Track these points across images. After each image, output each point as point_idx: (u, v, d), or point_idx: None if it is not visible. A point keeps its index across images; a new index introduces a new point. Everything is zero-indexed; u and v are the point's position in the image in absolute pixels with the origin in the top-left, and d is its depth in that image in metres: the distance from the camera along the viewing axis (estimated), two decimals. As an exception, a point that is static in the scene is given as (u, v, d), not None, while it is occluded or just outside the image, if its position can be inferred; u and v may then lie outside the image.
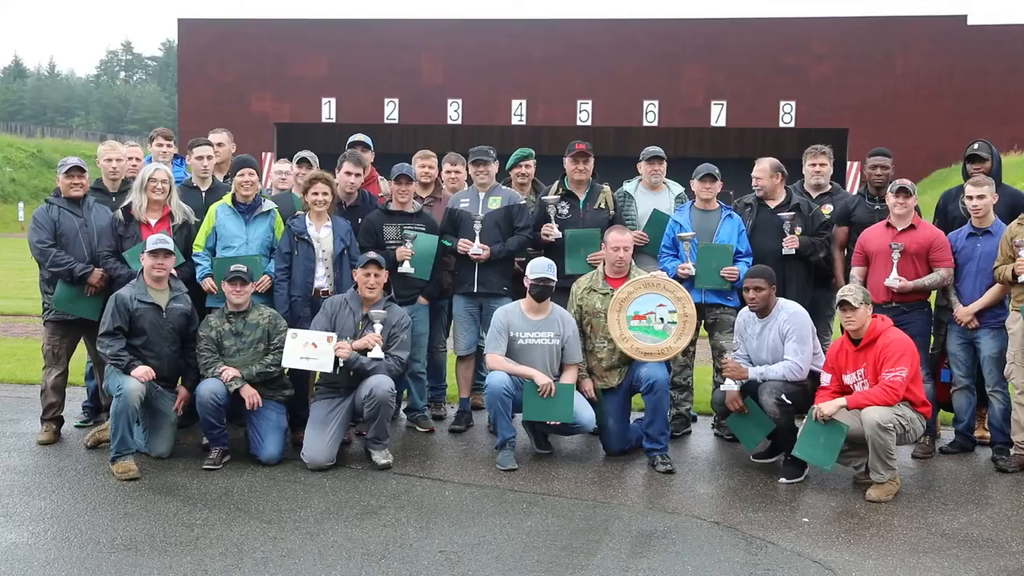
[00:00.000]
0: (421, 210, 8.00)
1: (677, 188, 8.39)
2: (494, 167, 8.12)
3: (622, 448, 7.46)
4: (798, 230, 7.72)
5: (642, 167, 8.21)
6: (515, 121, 38.38)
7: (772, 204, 7.91)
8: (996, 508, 6.42)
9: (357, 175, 8.01)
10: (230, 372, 6.99)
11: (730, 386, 7.09)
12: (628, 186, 8.46)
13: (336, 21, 40.99)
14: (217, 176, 8.27)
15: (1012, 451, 7.29)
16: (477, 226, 7.80)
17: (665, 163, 8.24)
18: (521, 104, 38.32)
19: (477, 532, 5.78)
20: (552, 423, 7.25)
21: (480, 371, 8.36)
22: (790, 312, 7.09)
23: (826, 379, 6.92)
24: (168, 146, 8.71)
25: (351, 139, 8.72)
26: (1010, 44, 35.53)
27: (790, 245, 7.66)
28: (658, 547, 5.60)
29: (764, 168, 7.99)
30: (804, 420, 6.78)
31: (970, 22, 36.84)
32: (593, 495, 6.56)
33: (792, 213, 7.72)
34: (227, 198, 7.63)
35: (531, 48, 38.10)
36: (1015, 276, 7.01)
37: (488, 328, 7.48)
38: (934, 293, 7.64)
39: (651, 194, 8.27)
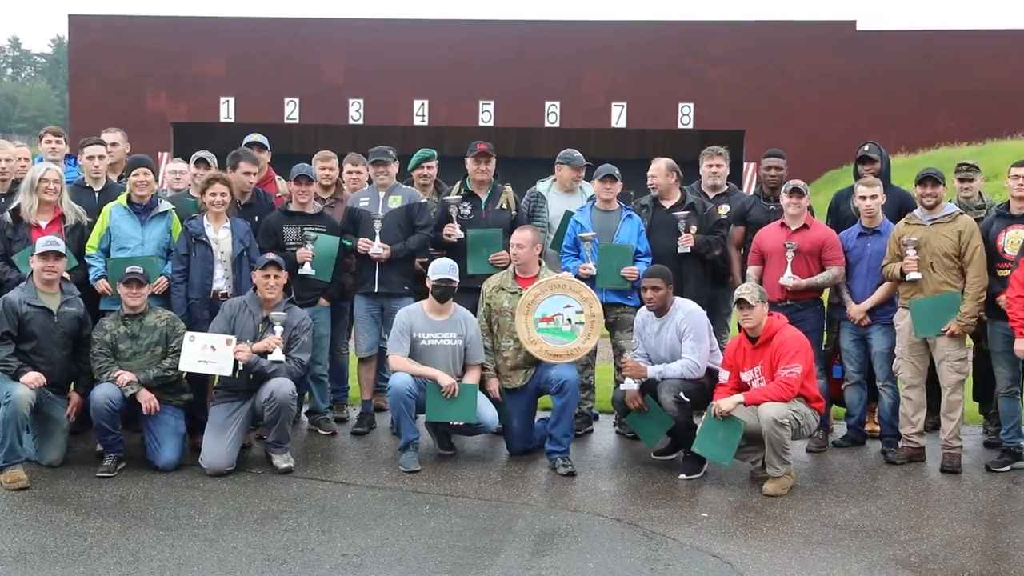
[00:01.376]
0: (322, 211, 7.93)
1: (591, 189, 8.43)
2: (394, 167, 8.08)
3: (526, 448, 7.48)
4: (693, 229, 7.83)
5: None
6: (417, 121, 38.20)
7: (667, 204, 8.02)
8: (885, 499, 6.62)
9: (253, 174, 7.90)
10: (126, 376, 6.83)
11: (630, 385, 7.18)
12: (541, 187, 8.50)
13: (234, 19, 40.32)
14: (111, 176, 8.06)
15: (900, 444, 7.52)
16: (377, 225, 7.76)
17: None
18: (423, 104, 38.17)
19: (380, 534, 5.75)
20: (455, 423, 7.25)
21: (383, 372, 8.31)
22: (687, 311, 7.21)
23: (724, 376, 7.05)
24: (58, 143, 8.47)
25: (247, 139, 8.60)
26: (897, 49, 36.61)
27: (685, 244, 7.78)
28: (560, 545, 5.65)
29: (660, 168, 8.10)
30: (703, 417, 6.90)
31: (859, 27, 37.89)
32: (496, 495, 6.58)
33: (687, 212, 7.83)
34: (122, 198, 7.45)
35: (433, 48, 37.97)
36: (903, 274, 7.24)
37: (390, 329, 7.45)
38: (827, 291, 7.85)
39: (564, 196, 8.32)
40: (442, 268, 7.24)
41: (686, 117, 37.85)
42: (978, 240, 7.14)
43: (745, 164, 31.60)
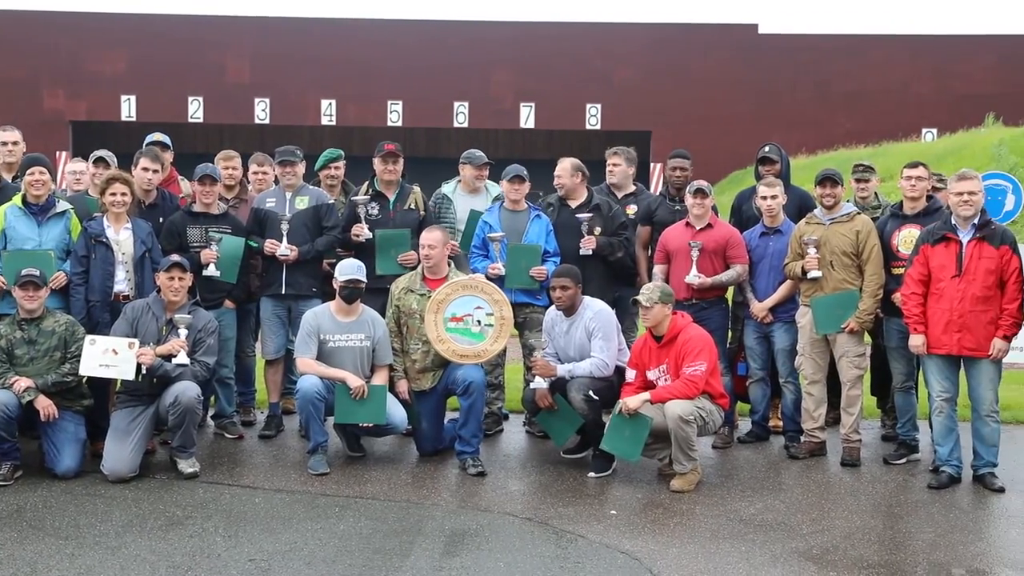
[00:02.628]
0: (226, 211, 7.82)
1: (496, 189, 8.47)
2: (301, 167, 8.00)
3: (435, 448, 7.47)
4: (597, 230, 7.88)
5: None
6: (325, 121, 37.82)
7: (573, 204, 8.08)
8: (788, 493, 6.77)
9: (155, 171, 7.76)
10: (23, 383, 6.63)
11: (539, 384, 7.22)
12: (446, 188, 8.49)
13: (135, 16, 39.40)
14: (6, 176, 7.83)
15: (803, 438, 7.70)
16: (284, 227, 7.68)
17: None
18: (331, 104, 37.81)
19: (288, 538, 5.68)
20: (364, 425, 7.21)
21: (290, 375, 8.22)
22: (595, 310, 7.27)
23: (631, 375, 7.13)
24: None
25: (148, 139, 8.43)
26: (797, 52, 37.42)
27: (587, 246, 7.83)
28: (471, 545, 5.65)
29: (565, 168, 8.14)
30: (611, 415, 6.97)
31: (761, 31, 38.64)
32: (406, 496, 6.56)
33: (590, 214, 7.88)
34: (17, 199, 7.24)
35: (341, 47, 37.64)
36: (804, 272, 7.41)
37: (297, 331, 7.37)
38: (731, 289, 7.99)
39: (469, 196, 8.33)
40: (349, 269, 7.18)
41: (594, 118, 38.16)
42: (875, 239, 7.34)
43: (652, 165, 32.00)
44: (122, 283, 7.25)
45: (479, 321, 7.28)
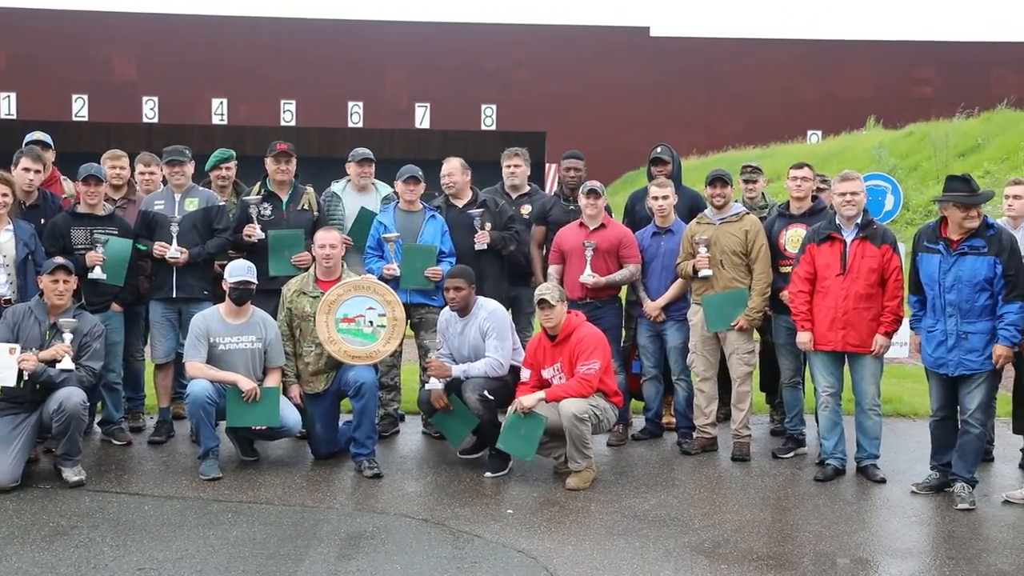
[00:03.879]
0: (113, 212, 7.61)
1: (385, 188, 8.44)
2: (190, 167, 7.85)
3: (331, 451, 7.40)
4: (488, 225, 7.92)
5: (351, 168, 8.17)
6: (216, 120, 37.15)
7: (460, 203, 8.09)
8: (681, 489, 6.89)
9: (36, 171, 7.52)
10: None
11: (435, 384, 7.21)
12: (336, 187, 8.44)
13: (15, 10, 38.14)
14: None
15: (695, 435, 7.84)
16: (174, 229, 7.52)
17: (374, 165, 8.28)
18: (222, 103, 37.16)
19: (179, 546, 5.57)
20: (258, 428, 7.10)
21: (181, 379, 8.04)
22: (489, 310, 7.29)
23: (526, 374, 7.17)
24: None
25: (28, 138, 8.17)
26: (688, 55, 38.12)
27: (482, 240, 7.86)
28: (367, 548, 5.62)
29: (455, 167, 8.15)
30: (506, 414, 7.00)
31: (652, 34, 39.24)
32: (301, 500, 6.48)
33: (481, 210, 7.92)
34: None
35: (232, 45, 37.03)
36: (695, 271, 7.55)
37: (187, 334, 7.22)
38: (625, 288, 8.09)
39: (358, 195, 8.29)
40: (239, 270, 7.07)
41: (489, 118, 38.27)
42: (763, 239, 7.52)
43: (547, 165, 32.22)
44: (3, 286, 7.01)
45: (371, 322, 7.23)
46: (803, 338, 7.14)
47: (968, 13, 77.84)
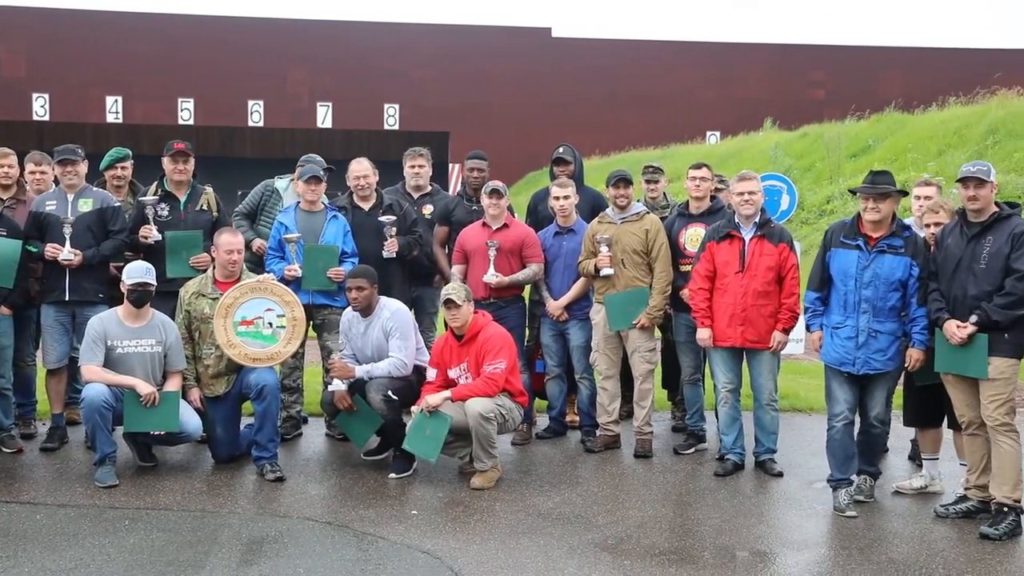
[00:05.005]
0: (1, 213, 7.37)
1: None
2: (83, 167, 7.64)
3: (232, 455, 7.29)
4: (394, 230, 7.89)
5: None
6: (111, 119, 36.30)
7: (366, 205, 8.04)
8: (585, 486, 6.95)
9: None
10: None
11: (338, 386, 7.16)
12: (279, 183, 8.32)
13: None
14: None
15: (598, 432, 7.92)
16: (67, 230, 7.32)
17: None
18: (117, 101, 36.31)
19: (74, 555, 5.42)
20: (156, 433, 6.95)
21: (75, 384, 7.83)
22: (392, 310, 7.26)
23: (432, 374, 7.15)
24: None
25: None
26: (589, 57, 38.52)
27: (391, 249, 7.82)
28: (269, 552, 5.54)
29: (367, 167, 8.09)
30: (411, 414, 6.98)
31: (554, 35, 39.52)
32: (202, 505, 6.37)
33: (393, 218, 7.86)
34: None
35: (128, 41, 36.21)
36: (597, 270, 7.62)
37: (82, 338, 7.03)
38: (528, 288, 8.13)
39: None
40: (137, 271, 6.91)
41: (392, 118, 38.11)
42: (663, 238, 7.63)
43: (450, 165, 32.23)
44: None
45: (270, 323, 7.14)
46: (703, 335, 7.26)
47: (857, 17, 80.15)
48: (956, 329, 6.02)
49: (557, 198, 7.86)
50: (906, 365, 6.51)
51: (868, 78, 37.26)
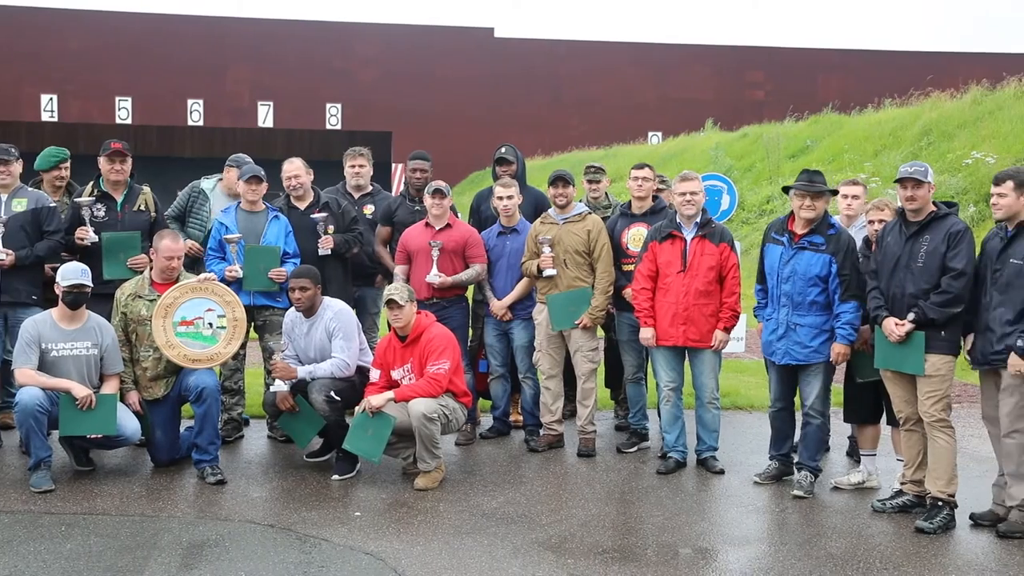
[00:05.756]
0: (-68, 213, 7.21)
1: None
2: (17, 167, 7.48)
3: (172, 458, 7.19)
4: (331, 229, 7.84)
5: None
6: (46, 117, 35.67)
7: (302, 205, 7.98)
8: (529, 486, 6.96)
9: None
10: None
11: (280, 387, 7.09)
12: (206, 184, 8.20)
13: None
14: None
15: (542, 432, 7.94)
16: None
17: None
18: (52, 99, 35.69)
19: (7, 563, 5.31)
20: (93, 437, 6.83)
21: (8, 387, 7.67)
22: (336, 310, 7.22)
23: (375, 375, 7.12)
24: None
25: None
26: (531, 56, 38.62)
27: (326, 246, 7.78)
28: (210, 556, 5.48)
29: (299, 167, 8.01)
30: (354, 415, 6.94)
31: (497, 35, 39.56)
32: (141, 510, 6.27)
33: (325, 214, 7.83)
34: None
35: (64, 38, 35.61)
36: (540, 271, 7.63)
37: (15, 341, 6.88)
38: (471, 288, 8.12)
39: (228, 199, 8.08)
40: (73, 273, 6.78)
41: (334, 118, 37.91)
42: (605, 238, 7.66)
43: (393, 165, 32.11)
44: None
45: (211, 324, 7.06)
46: (645, 334, 7.30)
47: (795, 20, 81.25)
48: (894, 327, 6.14)
49: (500, 198, 7.86)
50: (833, 360, 6.69)
51: (806, 80, 37.80)
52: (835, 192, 6.94)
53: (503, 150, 8.37)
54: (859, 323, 6.64)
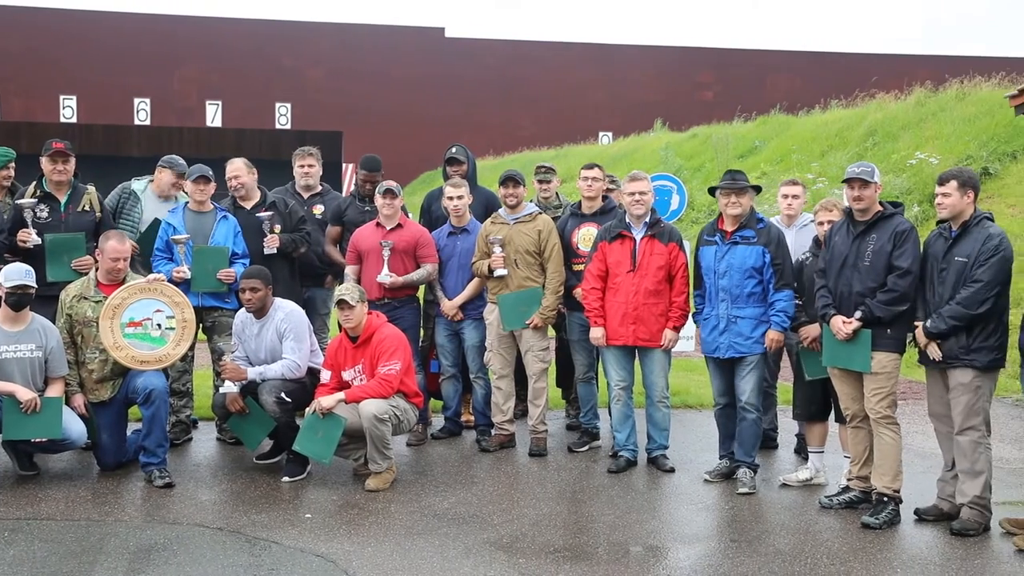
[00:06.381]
0: None
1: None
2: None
3: (119, 462, 7.09)
4: (277, 228, 7.79)
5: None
6: (-13, 116, 35.05)
7: (248, 205, 7.92)
8: (480, 486, 6.96)
9: None
10: None
11: (229, 388, 7.04)
12: (136, 185, 8.08)
13: None
14: None
15: (493, 432, 7.94)
16: (-64, 232, 7.04)
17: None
18: (-6, 98, 35.06)
19: (-50, 569, 5.22)
20: (38, 441, 6.73)
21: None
22: (287, 311, 7.17)
23: (326, 375, 7.08)
24: None
25: None
26: (482, 57, 38.61)
27: (271, 244, 7.72)
28: (158, 560, 5.42)
29: (241, 167, 7.93)
30: (304, 416, 6.90)
31: (448, 35, 39.50)
32: (86, 514, 6.18)
33: (271, 213, 7.77)
34: None
35: (4, 35, 35.00)
36: (490, 271, 7.64)
37: (-43, 343, 6.76)
38: (423, 288, 8.11)
39: (159, 201, 7.98)
40: (16, 274, 6.66)
41: (284, 117, 37.64)
42: (556, 238, 7.68)
43: (344, 165, 31.96)
44: None
45: (159, 325, 6.97)
46: (596, 334, 7.33)
47: (743, 21, 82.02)
48: (842, 325, 6.23)
49: (451, 198, 7.86)
50: (767, 347, 6.86)
51: (754, 81, 38.15)
52: (758, 188, 7.07)
53: (454, 150, 8.37)
54: (792, 311, 6.82)
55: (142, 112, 36.63)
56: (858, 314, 6.19)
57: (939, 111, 18.04)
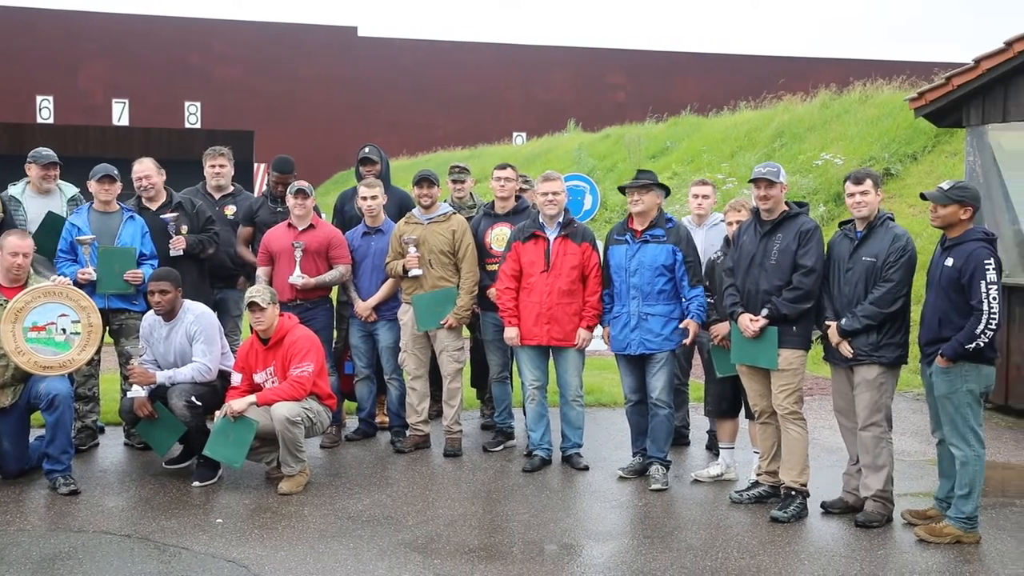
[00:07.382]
0: None
1: (71, 190, 7.96)
2: None
3: (21, 469, 6.91)
4: (184, 229, 7.67)
5: (32, 170, 7.60)
6: None
7: (154, 206, 7.78)
8: (395, 487, 6.93)
9: None
10: None
11: (137, 392, 6.90)
12: (14, 190, 7.86)
13: None
14: None
15: (408, 432, 7.92)
16: None
17: (59, 167, 7.72)
18: None
19: None
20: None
21: None
22: (197, 314, 7.06)
23: (237, 378, 6.99)
24: None
25: None
26: (395, 57, 38.44)
27: (177, 246, 7.60)
28: (63, 569, 5.29)
29: (150, 167, 7.80)
30: (215, 419, 6.80)
31: (360, 34, 39.24)
32: (-13, 524, 6.02)
33: (176, 214, 7.65)
34: None
35: (-103, 30, 33.82)
36: (405, 271, 7.61)
37: None
38: (336, 289, 8.04)
39: (41, 198, 7.77)
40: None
41: (193, 116, 37.03)
42: (470, 238, 7.69)
43: (255, 165, 31.54)
44: None
45: (64, 329, 6.79)
46: (510, 334, 7.36)
47: (652, 23, 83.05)
48: (749, 322, 6.34)
49: (365, 198, 7.81)
50: (684, 340, 6.98)
51: (665, 82, 38.62)
52: (664, 187, 7.14)
53: (367, 150, 8.33)
54: (706, 305, 6.94)
55: (45, 110, 35.71)
56: (765, 312, 6.32)
57: (843, 113, 18.46)
